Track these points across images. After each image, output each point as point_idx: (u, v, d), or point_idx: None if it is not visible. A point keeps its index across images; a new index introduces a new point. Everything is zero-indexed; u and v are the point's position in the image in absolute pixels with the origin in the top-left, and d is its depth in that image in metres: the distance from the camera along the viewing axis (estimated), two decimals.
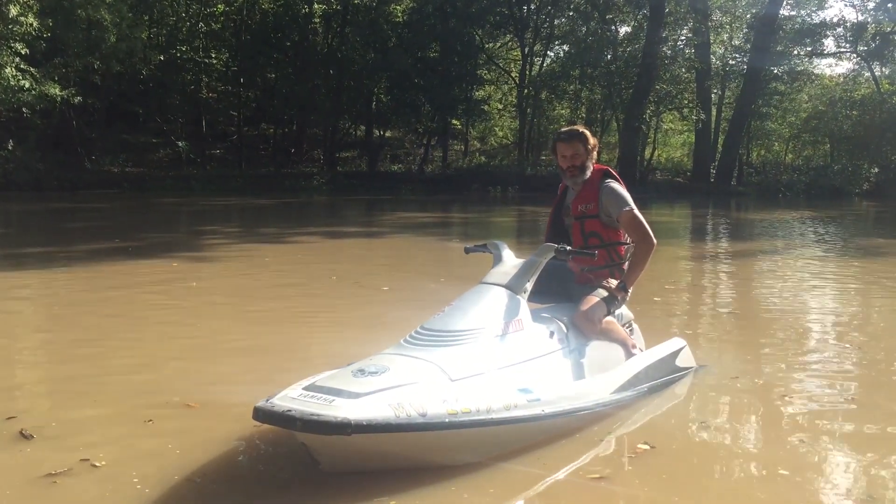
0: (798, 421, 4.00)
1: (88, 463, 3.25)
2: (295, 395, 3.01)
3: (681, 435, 3.79)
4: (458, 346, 3.45)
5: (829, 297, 8.17)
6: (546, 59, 36.58)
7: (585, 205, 4.34)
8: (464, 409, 3.11)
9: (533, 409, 3.37)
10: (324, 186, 29.11)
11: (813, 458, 3.54)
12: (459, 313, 3.64)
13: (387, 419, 2.91)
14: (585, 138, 4.35)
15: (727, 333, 6.44)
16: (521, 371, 3.57)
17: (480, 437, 3.22)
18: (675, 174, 36.68)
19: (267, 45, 31.48)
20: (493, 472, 3.23)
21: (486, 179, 30.61)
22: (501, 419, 3.23)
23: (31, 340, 5.98)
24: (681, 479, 3.28)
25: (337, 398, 2.97)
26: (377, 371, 3.21)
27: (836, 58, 39.71)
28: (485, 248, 4.29)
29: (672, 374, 4.49)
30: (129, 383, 4.52)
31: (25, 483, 3.08)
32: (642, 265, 4.32)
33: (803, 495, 3.15)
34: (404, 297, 7.55)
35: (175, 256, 10.29)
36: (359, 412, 2.88)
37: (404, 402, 2.99)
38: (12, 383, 4.64)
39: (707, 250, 13.16)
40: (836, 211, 23.74)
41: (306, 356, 5.17)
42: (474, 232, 16.21)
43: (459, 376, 3.33)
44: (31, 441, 3.51)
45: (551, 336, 3.89)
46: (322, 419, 2.82)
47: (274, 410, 2.90)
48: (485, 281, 3.87)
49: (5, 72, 21.01)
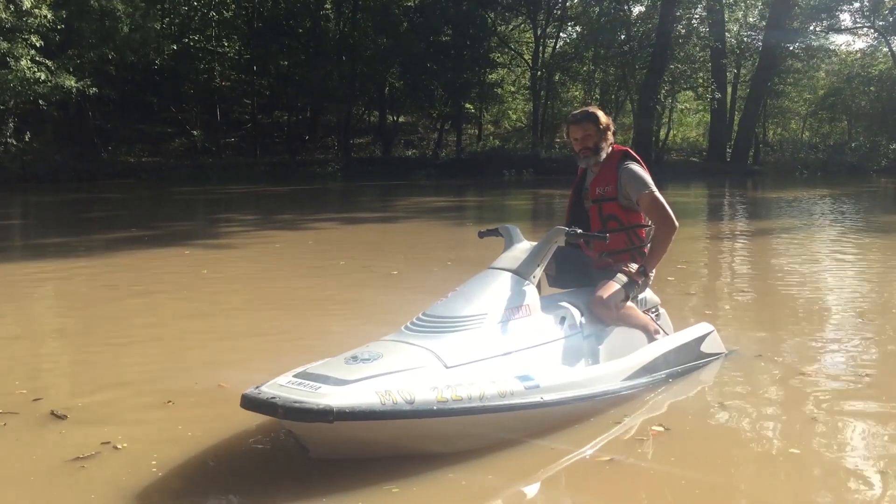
0: (816, 400, 3.96)
1: (111, 446, 3.31)
2: (283, 383, 3.00)
3: (697, 416, 3.74)
4: (458, 333, 3.41)
5: (847, 275, 8.11)
6: (559, 40, 36.37)
7: (603, 187, 4.22)
8: (454, 397, 3.07)
9: (530, 397, 3.30)
10: (338, 173, 29.15)
11: (830, 437, 3.51)
12: (462, 299, 3.59)
13: (371, 406, 2.88)
14: (596, 118, 4.24)
15: (745, 312, 6.41)
16: (523, 358, 3.51)
17: (474, 425, 3.17)
18: (691, 154, 36.46)
19: (279, 33, 31.45)
20: (496, 456, 3.20)
21: (501, 163, 30.53)
22: (495, 406, 3.17)
23: (53, 326, 6.06)
24: (694, 460, 3.26)
25: (324, 385, 2.95)
26: (370, 358, 3.18)
27: (853, 33, 39.24)
28: (497, 232, 4.22)
29: (697, 361, 4.36)
30: (148, 368, 4.58)
31: (51, 465, 3.15)
32: (664, 248, 4.21)
33: (819, 475, 3.13)
34: (412, 281, 7.56)
35: (189, 245, 10.36)
36: (342, 399, 2.85)
37: (392, 390, 2.96)
38: (37, 367, 4.74)
39: (723, 230, 13.10)
40: (853, 188, 23.54)
41: (307, 342, 5.15)
42: (489, 215, 16.21)
43: (455, 363, 3.28)
44: (60, 422, 3.60)
45: (562, 322, 3.82)
46: (304, 406, 2.80)
47: (258, 398, 2.88)
48: (493, 266, 3.82)
49: (21, 64, 21.15)
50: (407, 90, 33.02)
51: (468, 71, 33.00)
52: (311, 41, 32.65)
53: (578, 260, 4.30)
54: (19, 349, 5.19)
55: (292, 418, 2.84)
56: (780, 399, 4.06)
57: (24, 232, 13.21)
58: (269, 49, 31.96)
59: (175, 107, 31.50)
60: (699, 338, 4.42)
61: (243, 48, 32.95)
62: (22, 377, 4.39)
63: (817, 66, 38.10)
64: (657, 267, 4.27)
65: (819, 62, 37.82)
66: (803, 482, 3.10)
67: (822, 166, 32.27)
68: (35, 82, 21.58)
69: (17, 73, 21.14)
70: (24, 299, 7.01)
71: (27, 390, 4.08)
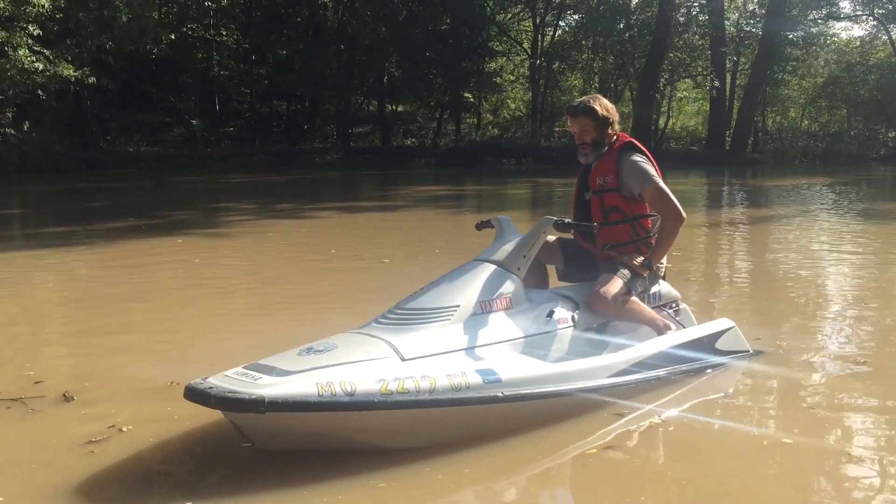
0: (816, 390, 3.91)
1: (116, 428, 3.35)
2: (230, 374, 2.94)
3: (695, 407, 3.67)
4: (424, 325, 3.31)
5: (846, 263, 8.13)
6: (558, 28, 36.29)
7: (604, 178, 4.03)
8: (400, 389, 2.94)
9: (488, 391, 3.14)
10: (338, 162, 29.15)
11: (830, 427, 3.47)
12: (436, 291, 3.50)
13: (306, 397, 2.80)
14: (594, 112, 4.00)
15: (743, 300, 6.43)
16: (492, 352, 3.35)
17: (422, 420, 3.03)
18: (690, 143, 36.41)
19: (277, 22, 31.41)
20: (488, 450, 3.11)
21: (500, 152, 30.55)
22: (447, 400, 3.03)
23: (55, 313, 6.12)
24: (691, 452, 3.21)
25: (266, 376, 2.89)
26: (324, 349, 3.12)
27: (852, 21, 39.18)
28: (490, 223, 4.11)
29: (712, 359, 4.07)
30: (150, 352, 4.65)
31: (61, 448, 3.19)
32: (670, 241, 4.03)
33: (820, 466, 3.10)
34: (403, 270, 7.56)
35: (186, 233, 10.42)
36: (277, 390, 2.79)
37: (335, 381, 2.88)
38: (39, 352, 4.80)
39: (722, 218, 13.11)
40: (853, 176, 23.57)
41: (282, 331, 5.08)
42: (489, 204, 16.23)
43: (413, 356, 3.16)
44: (68, 405, 3.66)
45: (549, 316, 3.68)
46: (235, 397, 2.75)
47: (195, 388, 2.83)
48: (477, 258, 3.72)
49: (19, 53, 21.10)
50: (405, 79, 32.99)
51: (467, 60, 32.95)
52: (310, 30, 32.57)
53: (587, 253, 4.16)
54: (22, 336, 5.25)
55: (223, 408, 2.81)
56: (779, 388, 4.02)
57: (26, 221, 13.23)
58: (268, 38, 31.91)
59: (173, 96, 31.46)
60: (713, 334, 4.15)
61: (241, 37, 32.87)
62: (29, 362, 4.44)
63: (816, 53, 38.03)
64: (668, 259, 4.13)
65: (818, 50, 37.76)
66: (802, 473, 3.04)
67: (822, 155, 32.28)
68: (33, 72, 21.53)
69: (16, 62, 21.09)
70: (26, 287, 7.05)
71: (34, 372, 4.15)
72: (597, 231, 3.95)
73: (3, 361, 4.52)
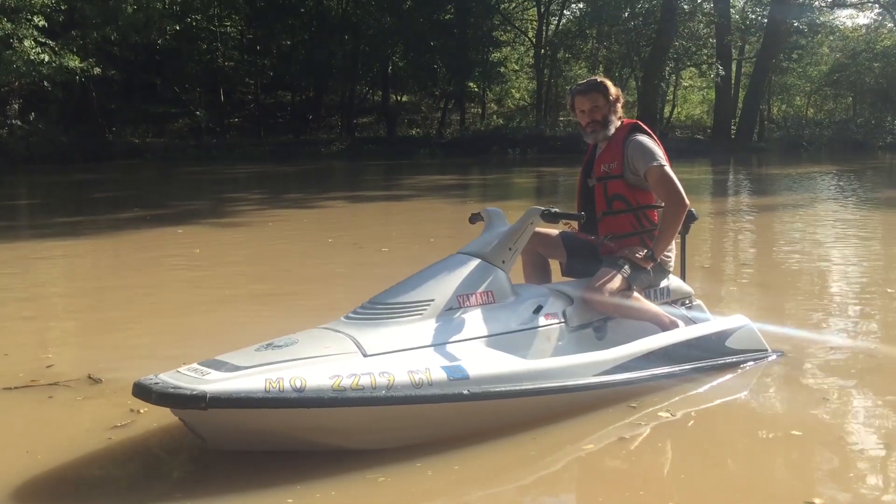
0: (822, 380, 3.87)
1: (135, 412, 3.41)
2: (182, 370, 2.84)
3: (702, 401, 3.62)
4: (394, 320, 3.20)
5: (852, 252, 8.11)
6: (563, 17, 36.19)
7: (609, 164, 3.89)
8: (354, 385, 2.81)
9: (452, 389, 2.98)
10: (343, 152, 29.16)
11: (837, 418, 3.43)
12: (411, 285, 3.38)
13: (250, 393, 2.69)
14: (605, 88, 3.91)
15: (748, 289, 6.41)
16: (464, 348, 3.20)
17: (381, 418, 2.89)
18: (696, 131, 36.33)
19: (281, 12, 31.32)
20: (491, 444, 3.05)
21: (505, 142, 30.49)
22: (406, 398, 2.89)
23: (62, 301, 6.18)
24: (690, 449, 3.18)
25: (215, 372, 2.79)
26: (283, 345, 3.00)
27: (858, 8, 38.98)
28: (481, 216, 3.91)
29: (722, 358, 3.87)
30: (158, 337, 4.74)
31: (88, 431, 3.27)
32: (673, 230, 3.86)
33: (828, 458, 3.06)
34: (399, 258, 7.59)
35: (187, 224, 10.53)
36: (222, 385, 2.69)
37: (285, 377, 2.76)
38: (49, 336, 4.90)
39: (728, 206, 13.12)
40: (858, 164, 23.49)
41: (263, 321, 5.10)
42: (493, 193, 16.24)
43: (375, 352, 3.03)
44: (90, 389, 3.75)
45: (537, 311, 3.52)
46: (177, 392, 2.66)
47: (141, 383, 2.74)
48: (461, 251, 3.59)
49: (24, 45, 21.13)
50: (410, 69, 32.94)
51: (471, 49, 32.85)
52: (314, 20, 32.54)
53: (592, 247, 3.98)
54: (35, 324, 5.31)
55: (164, 404, 2.74)
56: (785, 378, 3.90)
57: (33, 212, 13.31)
58: (272, 28, 31.84)
59: (178, 87, 31.47)
60: (722, 332, 3.93)
61: (245, 28, 32.84)
62: (47, 349, 4.52)
63: (822, 42, 37.86)
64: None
65: (823, 38, 37.58)
66: (810, 469, 3.01)
67: (827, 143, 32.18)
68: (39, 63, 21.56)
69: (21, 53, 21.12)
70: (33, 274, 7.13)
71: (52, 355, 4.25)
72: (583, 220, 3.86)
73: (16, 347, 4.58)
